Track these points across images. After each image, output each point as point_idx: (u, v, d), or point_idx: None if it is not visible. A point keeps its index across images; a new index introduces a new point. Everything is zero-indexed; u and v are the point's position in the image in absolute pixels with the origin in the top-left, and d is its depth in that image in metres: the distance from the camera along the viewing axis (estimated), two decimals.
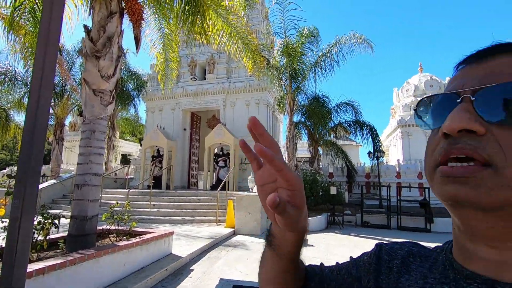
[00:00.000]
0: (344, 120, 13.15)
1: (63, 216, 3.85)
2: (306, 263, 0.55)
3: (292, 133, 9.72)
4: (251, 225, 7.48)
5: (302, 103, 11.96)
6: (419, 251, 0.46)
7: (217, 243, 6.30)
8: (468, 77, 0.35)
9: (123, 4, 4.63)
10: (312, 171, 11.45)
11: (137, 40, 4.94)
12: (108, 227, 4.57)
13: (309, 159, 14.64)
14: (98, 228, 4.34)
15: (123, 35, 4.66)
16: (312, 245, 6.36)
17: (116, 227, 4.50)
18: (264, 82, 12.61)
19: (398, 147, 16.26)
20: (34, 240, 3.32)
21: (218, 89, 13.68)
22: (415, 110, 0.41)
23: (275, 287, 0.50)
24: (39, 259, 3.15)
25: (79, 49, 4.66)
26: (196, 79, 14.28)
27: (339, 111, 12.97)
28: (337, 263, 0.56)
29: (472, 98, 0.33)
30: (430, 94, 0.40)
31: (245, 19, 6.77)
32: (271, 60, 9.39)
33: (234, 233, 7.42)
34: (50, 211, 4.10)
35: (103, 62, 4.28)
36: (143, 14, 4.90)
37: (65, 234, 4.11)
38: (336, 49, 9.26)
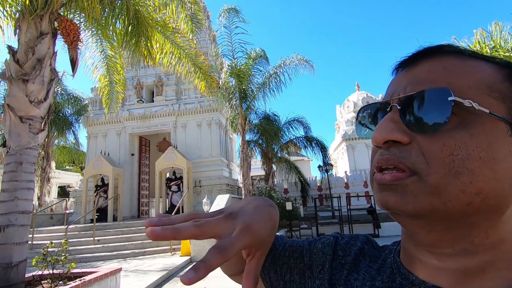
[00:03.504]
0: (294, 137, 13.73)
1: None
2: None
3: (245, 152, 9.80)
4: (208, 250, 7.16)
5: (253, 122, 12.22)
6: (370, 250, 0.45)
7: (172, 274, 5.88)
8: (397, 85, 0.36)
9: (55, 24, 4.32)
10: (267, 188, 11.59)
11: (73, 63, 4.60)
12: (40, 272, 3.97)
13: (263, 177, 14.83)
14: (27, 275, 3.74)
15: (56, 57, 4.31)
16: None
17: (51, 271, 3.92)
18: (215, 103, 12.63)
19: (345, 159, 17.42)
20: None
21: (168, 111, 13.31)
22: (356, 118, 0.42)
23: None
24: None
25: (2, 72, 4.18)
26: (144, 102, 13.73)
27: (290, 128, 13.53)
28: (293, 240, 0.52)
29: (398, 107, 0.33)
30: (367, 104, 0.41)
31: (194, 42, 6.81)
32: (220, 81, 9.52)
33: (190, 261, 7.01)
34: None
35: (32, 86, 3.88)
36: (79, 36, 4.61)
37: None
38: (281, 70, 9.77)
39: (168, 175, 12.39)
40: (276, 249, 0.50)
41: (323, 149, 13.28)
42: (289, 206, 10.10)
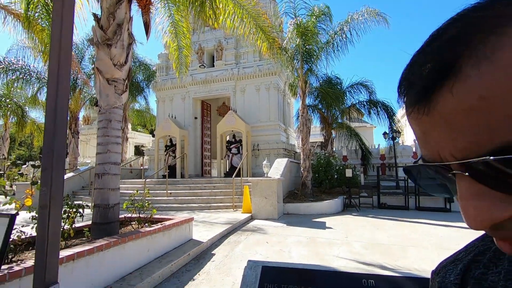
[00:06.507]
0: (357, 101, 12.84)
1: (87, 205, 3.92)
2: (326, 246, 0.45)
3: (305, 116, 9.55)
4: (268, 209, 7.50)
5: (313, 85, 11.71)
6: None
7: (236, 228, 6.36)
8: (431, 137, 0.26)
9: None
10: (326, 154, 11.32)
11: (147, 26, 4.85)
12: (129, 215, 4.65)
13: (321, 143, 14.48)
14: (120, 216, 4.41)
15: (132, 22, 4.58)
16: (331, 228, 6.33)
17: (137, 215, 4.57)
18: (274, 66, 12.38)
19: None
20: (61, 229, 3.40)
21: (227, 75, 13.54)
22: (414, 181, 0.33)
23: None
24: (67, 247, 3.22)
25: (89, 38, 4.61)
26: (205, 67, 14.14)
27: (352, 92, 12.67)
28: None
29: (466, 174, 0.24)
30: (411, 167, 0.31)
31: (255, 0, 6.56)
32: (283, 42, 9.14)
33: (252, 218, 7.47)
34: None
35: (114, 50, 4.23)
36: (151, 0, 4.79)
37: (89, 223, 4.20)
38: (348, 27, 8.90)
39: (228, 138, 12.96)
40: None
41: (390, 114, 12.21)
42: (348, 173, 9.79)
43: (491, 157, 0.22)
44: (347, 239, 5.33)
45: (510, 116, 0.21)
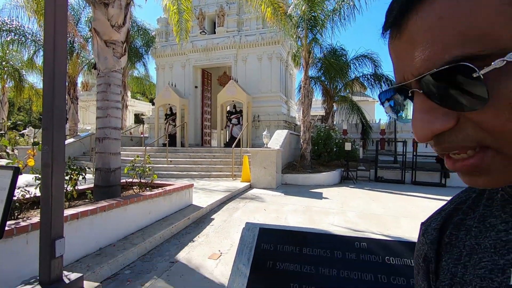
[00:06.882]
0: (361, 74, 12.54)
1: (88, 168, 3.98)
2: (322, 214, 0.47)
3: (307, 88, 9.39)
4: (266, 179, 7.64)
5: (317, 56, 11.38)
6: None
7: (234, 195, 6.52)
8: (400, 59, 0.29)
9: None
10: (326, 127, 11.31)
11: None
12: (131, 179, 4.74)
13: (322, 117, 14.39)
14: (121, 181, 4.50)
15: None
16: (327, 198, 6.50)
17: (139, 180, 4.66)
18: (277, 35, 11.95)
19: None
20: (64, 189, 3.48)
21: (229, 43, 13.11)
22: (383, 106, 0.35)
23: None
24: (70, 207, 3.32)
25: None
26: (206, 33, 13.65)
27: (356, 64, 12.33)
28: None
29: (420, 91, 0.28)
30: (381, 92, 0.34)
31: None
32: (287, 8, 8.72)
33: (250, 187, 7.63)
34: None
35: (112, 10, 4.05)
36: None
37: (91, 186, 4.29)
38: None
39: (228, 108, 12.85)
40: None
41: None
42: (348, 146, 9.84)
43: (435, 69, 0.25)
44: (342, 209, 5.49)
45: (461, 32, 0.24)
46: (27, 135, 14.54)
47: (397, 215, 5.12)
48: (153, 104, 18.61)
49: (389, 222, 4.64)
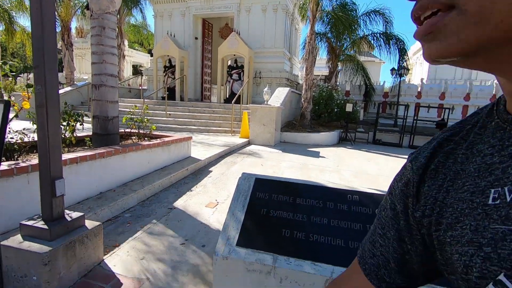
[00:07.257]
0: (371, 32, 11.90)
1: (86, 115, 3.94)
2: (318, 171, 0.44)
3: (312, 44, 8.97)
4: (265, 136, 7.67)
5: (326, 9, 10.67)
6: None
7: (233, 150, 6.59)
8: None
9: None
10: (329, 87, 11.06)
11: None
12: (129, 130, 4.74)
13: (325, 77, 13.99)
14: (120, 131, 4.49)
15: None
16: (324, 157, 6.59)
17: (137, 130, 4.66)
18: None
19: (424, 66, 15.17)
20: (62, 136, 3.48)
21: None
22: None
23: None
24: (69, 152, 3.35)
25: None
26: None
27: (367, 21, 11.63)
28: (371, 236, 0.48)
29: None
30: None
31: None
32: None
33: (249, 143, 7.69)
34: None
35: None
36: None
37: (90, 133, 4.29)
38: None
39: (229, 62, 12.41)
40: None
41: (402, 49, 11.50)
42: (349, 107, 9.73)
43: None
44: (338, 167, 5.60)
45: None
46: (24, 80, 14.17)
47: (390, 175, 5.24)
48: (151, 55, 17.90)
49: (383, 182, 4.77)
